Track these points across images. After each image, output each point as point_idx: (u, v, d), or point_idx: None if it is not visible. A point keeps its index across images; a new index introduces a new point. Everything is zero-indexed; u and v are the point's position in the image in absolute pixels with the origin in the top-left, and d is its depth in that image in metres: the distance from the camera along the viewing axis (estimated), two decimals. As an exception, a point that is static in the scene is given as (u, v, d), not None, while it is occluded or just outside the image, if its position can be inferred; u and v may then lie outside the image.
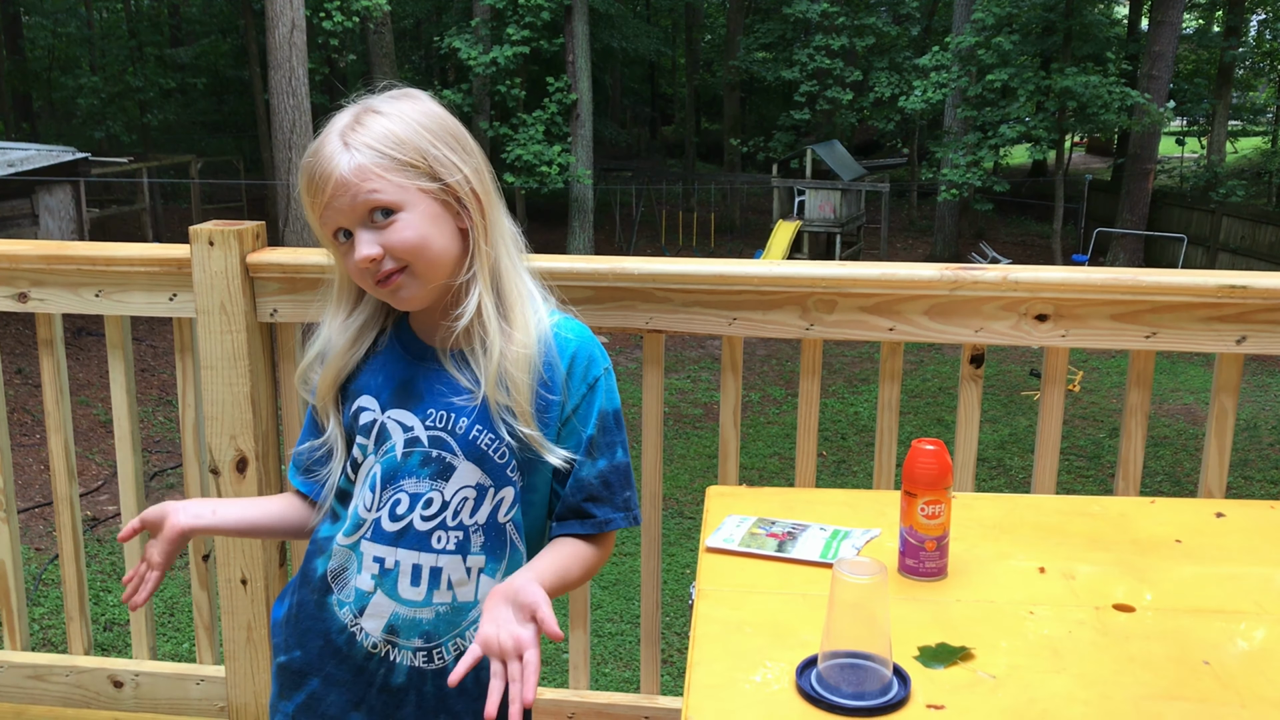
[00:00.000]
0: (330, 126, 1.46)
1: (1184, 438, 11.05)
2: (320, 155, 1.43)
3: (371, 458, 1.50)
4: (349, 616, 1.52)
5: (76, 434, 9.95)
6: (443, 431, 1.48)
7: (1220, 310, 2.00)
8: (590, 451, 1.53)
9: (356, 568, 1.51)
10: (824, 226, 20.45)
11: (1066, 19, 18.86)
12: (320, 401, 1.58)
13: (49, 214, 14.39)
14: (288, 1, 14.67)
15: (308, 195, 1.46)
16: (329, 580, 1.53)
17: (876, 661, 1.23)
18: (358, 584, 1.50)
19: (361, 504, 1.51)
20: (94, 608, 7.04)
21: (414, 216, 1.42)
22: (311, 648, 1.54)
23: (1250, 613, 1.42)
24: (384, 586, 1.49)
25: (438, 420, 1.48)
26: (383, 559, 1.49)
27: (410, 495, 1.48)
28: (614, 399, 1.56)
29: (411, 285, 1.44)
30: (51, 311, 2.27)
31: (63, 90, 24.28)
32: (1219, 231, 19.99)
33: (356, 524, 1.51)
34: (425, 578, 1.49)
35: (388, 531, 1.49)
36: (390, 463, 1.49)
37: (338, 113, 1.48)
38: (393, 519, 1.49)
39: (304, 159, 1.47)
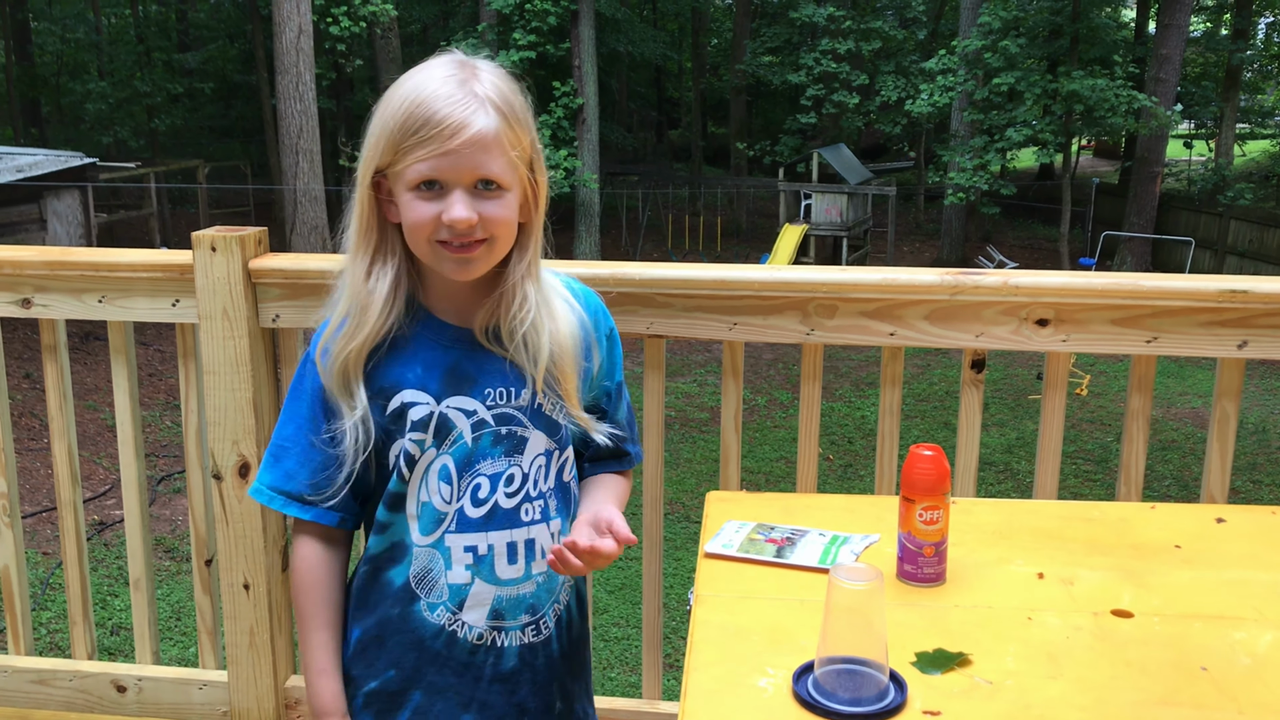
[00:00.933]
0: (444, 70, 1.40)
1: (1191, 441, 11.02)
2: (448, 100, 1.37)
3: (433, 450, 1.46)
4: (445, 616, 1.49)
5: (84, 439, 9.97)
6: (507, 407, 1.49)
7: (1221, 315, 1.99)
8: (619, 395, 1.63)
9: (445, 564, 1.48)
10: (830, 230, 20.44)
11: (1073, 22, 18.83)
12: (346, 377, 1.46)
13: (57, 219, 14.44)
14: (295, 7, 14.71)
15: (415, 134, 1.37)
16: (413, 587, 1.49)
17: (873, 667, 1.23)
18: (450, 580, 1.48)
19: (437, 499, 1.47)
20: (100, 612, 7.06)
21: (512, 197, 1.45)
22: (406, 662, 1.50)
23: (1249, 619, 1.42)
24: (481, 574, 1.49)
25: (499, 397, 1.48)
26: (474, 546, 1.48)
27: (489, 477, 1.48)
28: (619, 338, 1.67)
29: (485, 260, 1.45)
30: (55, 317, 2.28)
31: (71, 95, 24.37)
32: (1227, 235, 19.94)
33: (436, 520, 1.47)
34: (521, 553, 1.51)
35: (474, 518, 1.48)
36: (462, 451, 1.47)
37: (438, 56, 1.43)
38: (476, 504, 1.48)
39: (407, 95, 1.39)
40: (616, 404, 1.64)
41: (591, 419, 1.56)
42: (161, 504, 9.09)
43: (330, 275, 2.13)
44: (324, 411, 1.48)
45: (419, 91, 1.39)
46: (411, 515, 1.47)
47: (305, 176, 15.08)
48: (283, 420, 1.52)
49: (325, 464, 1.48)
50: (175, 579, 7.70)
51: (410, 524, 1.47)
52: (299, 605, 1.52)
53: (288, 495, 1.49)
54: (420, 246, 1.44)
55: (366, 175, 1.43)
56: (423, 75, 1.41)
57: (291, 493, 1.49)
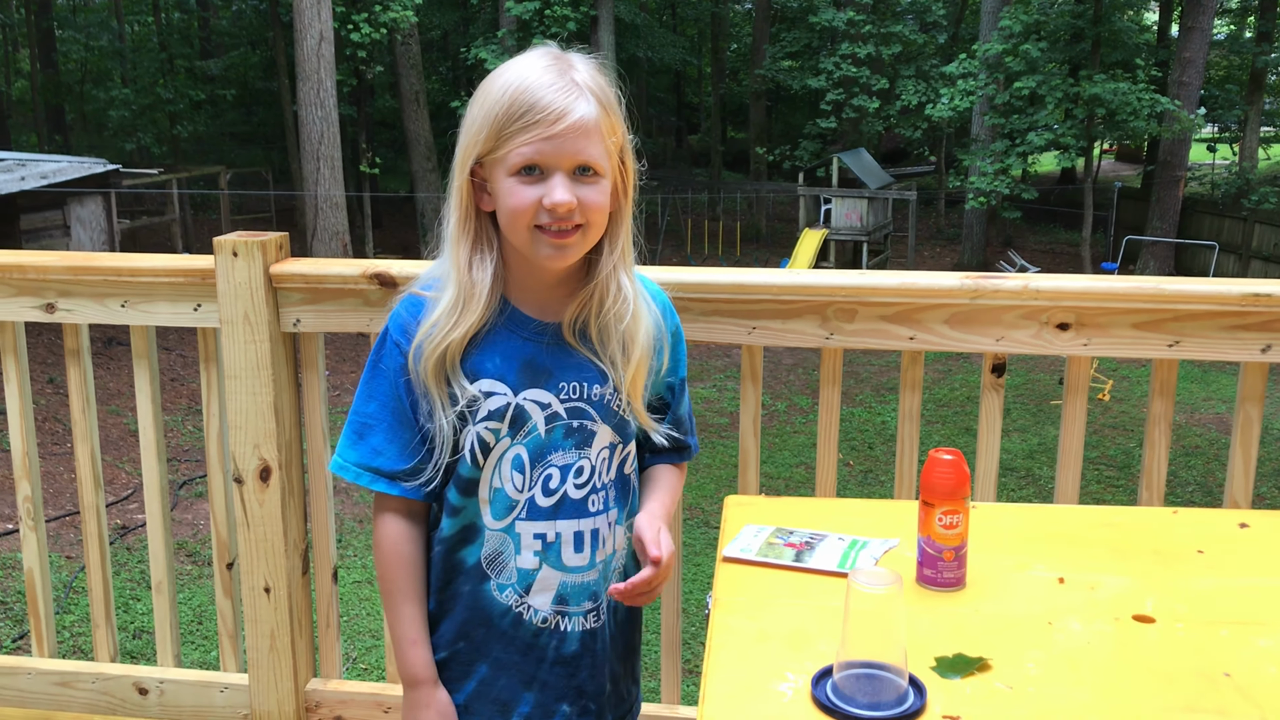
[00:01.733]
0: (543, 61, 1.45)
1: (1216, 447, 10.93)
2: (550, 88, 1.42)
3: (507, 439, 1.50)
4: (513, 598, 1.54)
5: (106, 443, 10.04)
6: (580, 401, 1.52)
7: (1244, 319, 1.98)
8: (681, 390, 1.67)
9: (515, 549, 1.52)
10: (851, 235, 20.40)
11: (1095, 26, 18.74)
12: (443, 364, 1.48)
13: (80, 225, 14.56)
14: (316, 14, 14.79)
15: (520, 119, 1.41)
16: (484, 568, 1.54)
17: (892, 672, 1.22)
18: (519, 564, 1.53)
19: (510, 486, 1.51)
20: (123, 615, 7.10)
21: (607, 184, 1.48)
22: (476, 636, 1.56)
23: (1274, 625, 1.41)
24: (548, 560, 1.53)
25: (572, 392, 1.52)
26: (543, 534, 1.53)
27: (560, 468, 1.52)
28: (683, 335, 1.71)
29: (579, 246, 1.48)
30: (78, 322, 2.30)
31: (95, 103, 24.58)
32: (1251, 239, 19.77)
33: (509, 507, 1.51)
34: (587, 542, 1.55)
35: (543, 507, 1.52)
36: (536, 442, 1.51)
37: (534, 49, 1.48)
38: (546, 494, 1.52)
39: (510, 83, 1.43)
40: (679, 399, 1.68)
41: (652, 419, 1.61)
42: (183, 508, 9.14)
43: (351, 280, 2.15)
44: (407, 390, 1.50)
45: (522, 80, 1.42)
46: (484, 500, 1.51)
47: (326, 183, 15.15)
48: (363, 396, 1.53)
49: (411, 441, 1.50)
50: (197, 583, 7.74)
51: (483, 508, 1.51)
52: (388, 578, 1.54)
53: (376, 471, 1.51)
54: (519, 233, 1.46)
55: (466, 164, 1.46)
56: (522, 65, 1.45)
57: (380, 469, 1.51)
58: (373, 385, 1.53)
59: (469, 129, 1.45)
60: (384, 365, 1.52)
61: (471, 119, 1.45)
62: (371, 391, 1.53)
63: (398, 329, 1.51)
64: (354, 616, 6.96)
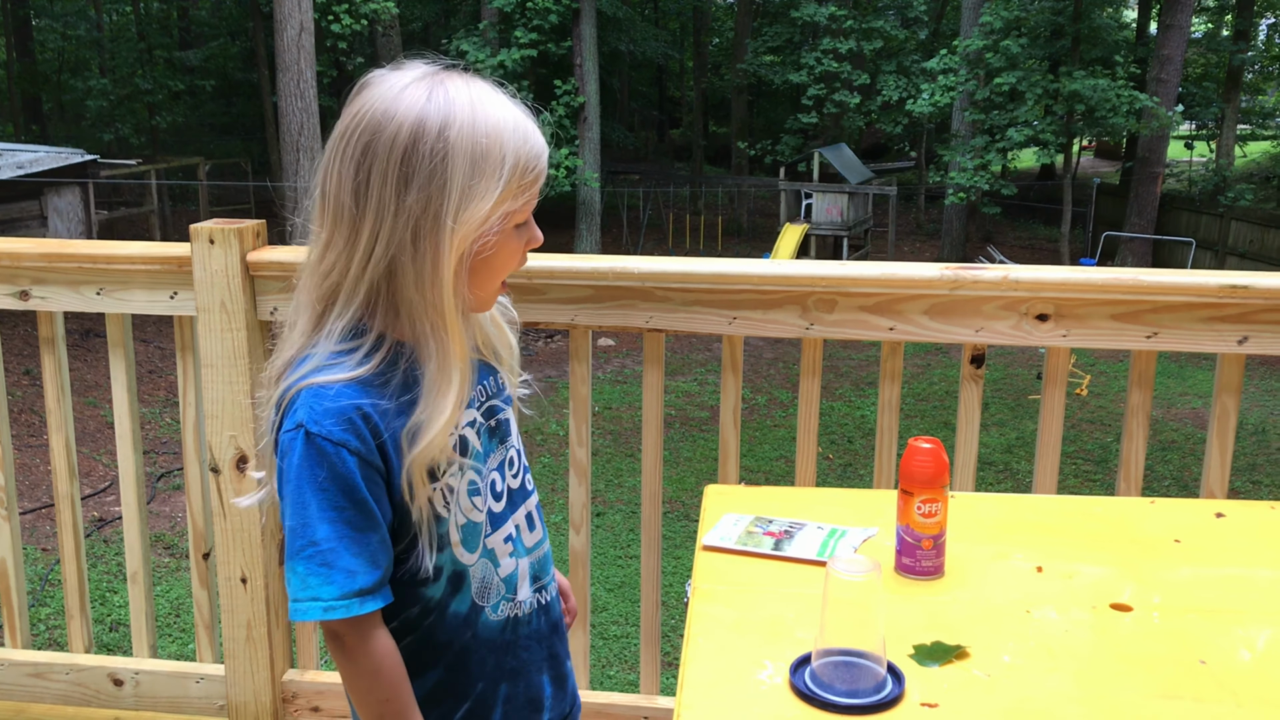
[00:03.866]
0: (504, 95, 1.34)
1: (1192, 441, 11.01)
2: (537, 137, 1.34)
3: (459, 474, 1.40)
4: (506, 609, 1.47)
5: (84, 435, 9.97)
6: (492, 400, 1.48)
7: (1222, 310, 1.99)
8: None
9: (494, 565, 1.45)
10: (831, 230, 20.43)
11: (1075, 22, 18.82)
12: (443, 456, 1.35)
13: (58, 215, 14.44)
14: (296, 5, 14.71)
15: (518, 176, 1.31)
16: (477, 604, 1.45)
17: (870, 659, 1.22)
18: (501, 575, 1.46)
19: (474, 513, 1.41)
20: (99, 608, 7.05)
21: None
22: (488, 668, 1.48)
23: (1248, 613, 1.41)
24: (518, 554, 1.49)
25: (480, 394, 1.46)
26: (509, 534, 1.48)
27: (497, 470, 1.47)
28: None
29: None
30: (53, 310, 2.28)
31: (72, 92, 24.36)
32: (1228, 235, 19.92)
33: (475, 532, 1.42)
34: (535, 517, 1.55)
35: (499, 512, 1.46)
36: (478, 459, 1.43)
37: (479, 81, 1.33)
38: (496, 499, 1.47)
39: (507, 131, 1.30)
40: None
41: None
42: (160, 501, 9.09)
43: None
44: (369, 489, 1.31)
45: (518, 125, 1.32)
46: (455, 543, 1.41)
47: (306, 174, 15.06)
48: (308, 523, 1.30)
49: (375, 544, 1.32)
50: (174, 575, 7.70)
51: (456, 551, 1.41)
52: (394, 700, 1.38)
53: (361, 594, 1.31)
54: (494, 285, 1.38)
55: (478, 227, 1.30)
56: (494, 103, 1.31)
57: (363, 589, 1.31)
58: (315, 506, 1.29)
59: (460, 187, 1.27)
60: (323, 476, 1.28)
61: (463, 172, 1.28)
62: (317, 514, 1.29)
63: (339, 429, 1.28)
64: (332, 609, 6.94)
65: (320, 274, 1.32)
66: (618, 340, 15.19)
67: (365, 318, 1.31)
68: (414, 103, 1.27)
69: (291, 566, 1.30)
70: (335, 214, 1.30)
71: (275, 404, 1.32)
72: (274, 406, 1.33)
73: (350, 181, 1.28)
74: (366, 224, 1.27)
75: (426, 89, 1.28)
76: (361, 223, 1.27)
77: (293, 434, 1.28)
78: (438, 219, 1.26)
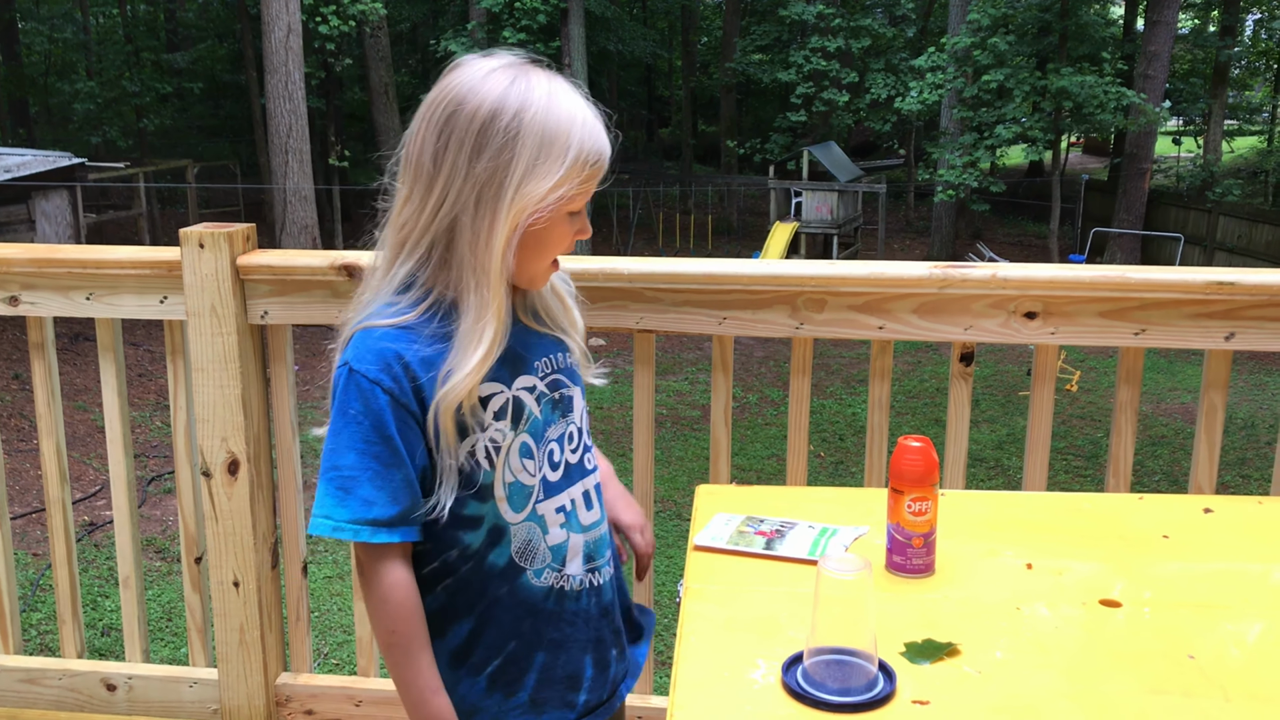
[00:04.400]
0: (578, 92, 1.46)
1: (1181, 437, 11.05)
2: (602, 136, 1.45)
3: (512, 434, 1.48)
4: (551, 576, 1.54)
5: (74, 440, 9.94)
6: (556, 373, 1.56)
7: (1209, 307, 2.00)
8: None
9: (542, 531, 1.53)
10: (821, 228, 20.46)
11: (1062, 19, 18.87)
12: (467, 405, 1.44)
13: (46, 219, 14.39)
14: (284, 6, 14.68)
15: (579, 166, 1.42)
16: (517, 562, 1.52)
17: (862, 658, 1.23)
18: (549, 543, 1.53)
19: (523, 475, 1.50)
20: (91, 613, 7.03)
21: None
22: (524, 629, 1.53)
23: (1236, 607, 1.43)
24: (571, 528, 1.56)
25: (546, 366, 1.54)
26: (562, 506, 1.55)
27: (556, 441, 1.55)
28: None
29: None
30: (42, 315, 2.28)
31: (59, 95, 24.27)
32: (1215, 231, 19.99)
33: (526, 495, 1.51)
34: (594, 497, 1.61)
35: (554, 482, 1.54)
36: (535, 426, 1.51)
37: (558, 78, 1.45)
38: (553, 469, 1.54)
39: (577, 124, 1.42)
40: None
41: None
42: (152, 504, 9.07)
43: (319, 271, 2.14)
44: (400, 429, 1.42)
45: (586, 121, 1.44)
46: (501, 498, 1.50)
47: (295, 176, 15.05)
48: (337, 450, 1.42)
49: (400, 482, 1.42)
50: (166, 579, 7.68)
51: (501, 506, 1.50)
52: (403, 631, 1.46)
53: (374, 523, 1.41)
54: (542, 263, 1.49)
55: (536, 202, 1.41)
56: (571, 98, 1.44)
57: (377, 519, 1.42)
58: (346, 435, 1.42)
59: (526, 164, 1.39)
60: (358, 410, 1.42)
61: (530, 152, 1.39)
62: (347, 443, 1.42)
63: (375, 368, 1.41)
64: (325, 611, 6.93)
65: (396, 226, 1.46)
66: (608, 340, 15.21)
67: (420, 269, 1.44)
68: (496, 85, 1.40)
69: (319, 485, 1.43)
70: (415, 173, 1.43)
71: (340, 341, 1.48)
72: (339, 344, 1.47)
73: (431, 146, 1.41)
74: (439, 183, 1.41)
75: (511, 75, 1.42)
76: (435, 182, 1.41)
77: (340, 370, 1.43)
78: (501, 188, 1.40)
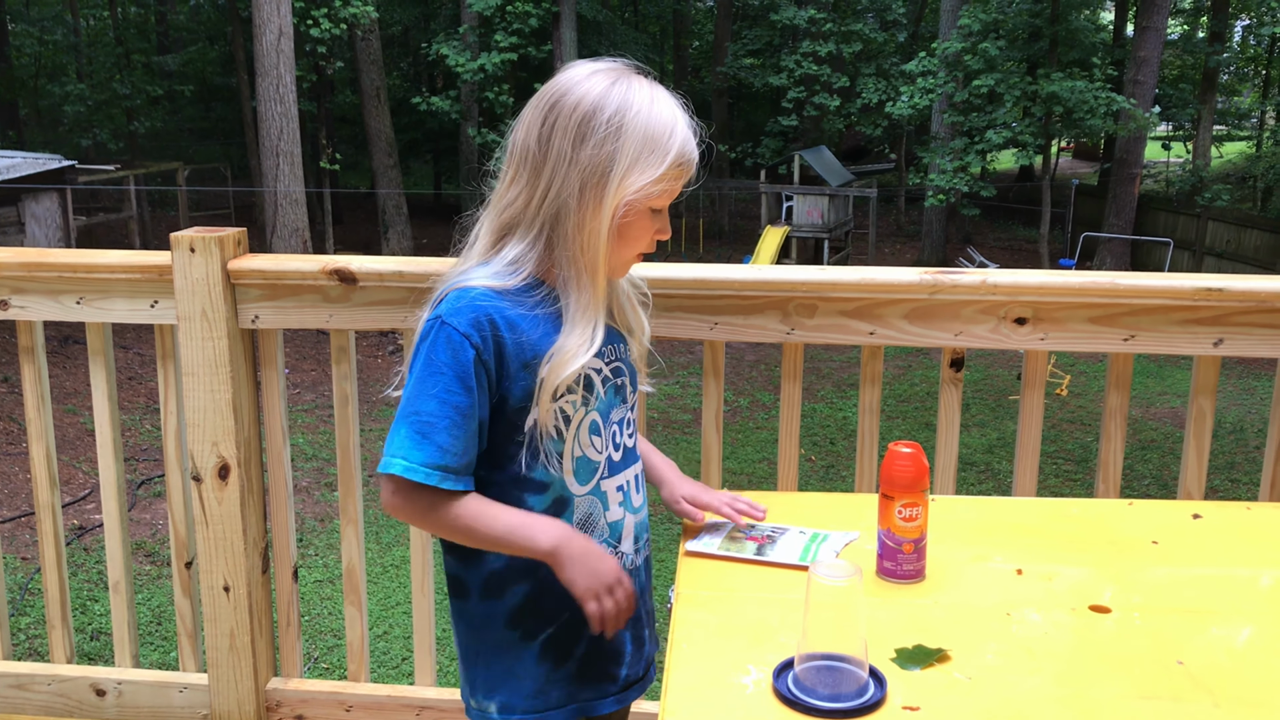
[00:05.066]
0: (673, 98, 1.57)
1: (1171, 441, 11.08)
2: (692, 138, 1.55)
3: (583, 409, 1.57)
4: (608, 551, 1.61)
5: (64, 442, 9.90)
6: (618, 361, 1.64)
7: (1197, 313, 2.01)
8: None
9: (603, 507, 1.61)
10: (812, 232, 20.48)
11: (1052, 25, 18.91)
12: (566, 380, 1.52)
13: (36, 222, 14.35)
14: (275, 9, 14.65)
15: (676, 166, 1.53)
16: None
17: (853, 663, 1.23)
18: (608, 519, 1.61)
19: (591, 451, 1.59)
20: (80, 617, 7.00)
21: None
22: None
23: (1224, 613, 1.43)
24: (628, 508, 1.65)
25: (610, 353, 1.62)
26: (622, 486, 1.64)
27: (619, 424, 1.64)
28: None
29: None
30: (32, 319, 2.27)
31: (49, 98, 24.20)
32: (1205, 235, 20.06)
33: (592, 471, 1.59)
34: (642, 483, 1.70)
35: (617, 462, 1.63)
36: (603, 405, 1.60)
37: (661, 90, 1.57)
38: (615, 449, 1.63)
39: (677, 126, 1.53)
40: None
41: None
42: (142, 508, 9.04)
43: (310, 276, 2.14)
44: (481, 385, 1.49)
45: (685, 126, 1.55)
46: (568, 471, 1.57)
47: (286, 179, 15.02)
48: (420, 395, 1.49)
49: (472, 435, 1.50)
50: (156, 583, 7.66)
51: (568, 478, 1.57)
52: (484, 523, 1.51)
53: (445, 469, 1.48)
54: (627, 254, 1.58)
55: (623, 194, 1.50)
56: (670, 104, 1.55)
57: (450, 466, 1.49)
58: (430, 383, 1.48)
59: (631, 157, 1.49)
60: (444, 361, 1.48)
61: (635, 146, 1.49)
62: (429, 389, 1.48)
63: (467, 323, 1.48)
64: (315, 615, 6.91)
65: (502, 205, 1.55)
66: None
67: (528, 251, 1.53)
68: (599, 83, 1.51)
69: (395, 427, 1.50)
70: (522, 157, 1.53)
71: (432, 301, 1.54)
72: (429, 304, 1.54)
73: (536, 131, 1.51)
74: (547, 169, 1.50)
75: (613, 77, 1.52)
76: (543, 167, 1.50)
77: (431, 321, 1.50)
78: (605, 177, 1.49)
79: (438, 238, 22.53)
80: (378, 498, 4.88)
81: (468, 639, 1.62)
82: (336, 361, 2.25)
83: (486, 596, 1.58)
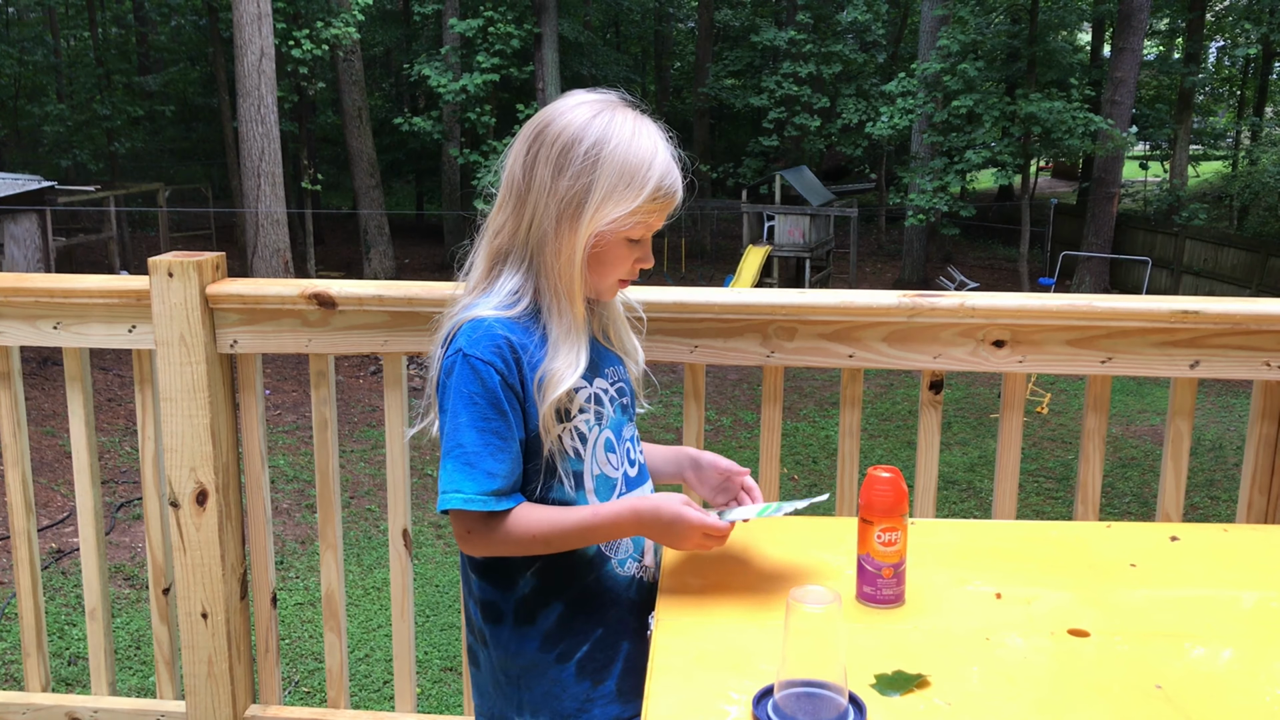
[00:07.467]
0: (658, 132, 1.59)
1: (1151, 458, 11.13)
2: (677, 177, 1.58)
3: (597, 427, 1.62)
4: (633, 567, 1.66)
5: (42, 465, 9.82)
6: (622, 382, 1.70)
7: (1174, 335, 2.02)
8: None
9: None
10: (793, 251, 20.55)
11: (1030, 46, 19.08)
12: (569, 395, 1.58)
13: (15, 243, 14.26)
14: (257, 30, 14.65)
15: (656, 199, 1.56)
16: (603, 551, 1.63)
17: (832, 690, 1.23)
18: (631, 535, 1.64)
19: (608, 468, 1.64)
20: (57, 642, 6.93)
21: None
22: (611, 617, 1.64)
23: (1202, 635, 1.44)
24: None
25: (612, 375, 1.68)
26: None
27: (629, 441, 1.70)
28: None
29: None
30: (8, 344, 2.25)
31: (29, 118, 24.13)
32: (1182, 254, 20.23)
33: (611, 487, 1.64)
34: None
35: (633, 478, 1.69)
36: (614, 424, 1.66)
37: (644, 120, 1.58)
38: (630, 465, 1.68)
39: (658, 159, 1.55)
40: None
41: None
42: (121, 531, 8.97)
43: (289, 300, 2.13)
44: (510, 404, 1.54)
45: (665, 160, 1.57)
46: (590, 490, 1.61)
47: (267, 199, 14.99)
48: (458, 430, 1.54)
49: (514, 454, 1.55)
50: (135, 607, 7.59)
51: (590, 497, 1.61)
52: (545, 531, 1.55)
53: (497, 494, 1.54)
54: (606, 280, 1.62)
55: (598, 223, 1.54)
56: (652, 135, 1.57)
57: (499, 490, 1.54)
58: (465, 414, 1.54)
59: (605, 189, 1.53)
60: (475, 389, 1.53)
61: (610, 179, 1.53)
62: (467, 421, 1.54)
63: (489, 351, 1.53)
64: (296, 639, 6.86)
65: (492, 232, 1.61)
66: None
67: (523, 279, 1.58)
68: (582, 114, 1.55)
69: (443, 465, 1.55)
70: (508, 184, 1.58)
71: (442, 339, 1.60)
72: (441, 342, 1.60)
73: (522, 159, 1.57)
74: (530, 198, 1.56)
75: (597, 109, 1.56)
76: (527, 194, 1.56)
77: (453, 357, 1.55)
78: (580, 208, 1.53)
79: (420, 257, 22.50)
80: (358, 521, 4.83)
81: (504, 662, 1.64)
82: (315, 386, 2.24)
83: (520, 621, 1.62)
